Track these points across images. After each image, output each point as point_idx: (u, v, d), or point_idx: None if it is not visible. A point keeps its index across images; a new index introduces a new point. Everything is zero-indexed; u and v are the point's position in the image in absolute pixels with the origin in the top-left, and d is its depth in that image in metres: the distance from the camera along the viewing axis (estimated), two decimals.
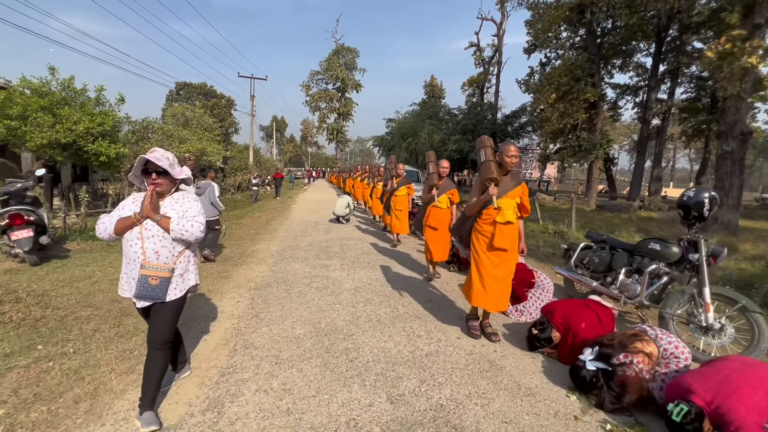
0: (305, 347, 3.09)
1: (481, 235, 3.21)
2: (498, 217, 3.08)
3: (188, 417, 2.19)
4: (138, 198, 2.17)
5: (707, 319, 3.15)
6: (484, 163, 3.18)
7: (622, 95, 29.53)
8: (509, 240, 3.12)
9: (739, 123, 11.55)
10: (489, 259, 3.17)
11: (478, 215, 3.25)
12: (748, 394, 1.94)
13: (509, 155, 3.13)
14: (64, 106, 8.46)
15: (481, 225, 3.22)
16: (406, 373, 2.71)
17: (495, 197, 3.05)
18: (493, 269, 3.16)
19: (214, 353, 2.97)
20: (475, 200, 3.18)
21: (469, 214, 3.28)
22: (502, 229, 3.08)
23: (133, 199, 2.17)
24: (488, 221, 3.16)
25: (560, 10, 22.32)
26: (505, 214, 3.07)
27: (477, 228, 3.25)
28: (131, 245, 2.07)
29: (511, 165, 3.15)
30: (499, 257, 3.17)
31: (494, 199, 3.05)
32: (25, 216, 5.08)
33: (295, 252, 6.73)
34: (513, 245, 3.18)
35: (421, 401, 2.38)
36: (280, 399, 2.37)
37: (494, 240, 3.09)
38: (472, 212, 3.24)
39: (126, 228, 2.06)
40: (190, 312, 3.77)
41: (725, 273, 6.02)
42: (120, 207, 2.15)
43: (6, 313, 3.62)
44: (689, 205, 3.40)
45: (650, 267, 3.65)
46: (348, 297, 4.38)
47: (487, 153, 3.20)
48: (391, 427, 2.13)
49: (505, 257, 3.18)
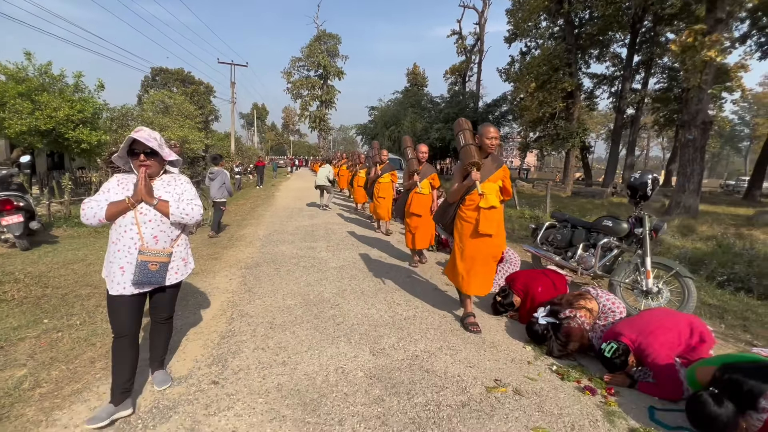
0: (296, 315, 3.43)
1: (465, 222, 3.13)
2: (482, 202, 3.01)
3: (196, 370, 2.51)
4: (124, 180, 2.05)
5: (648, 284, 3.64)
6: (464, 147, 3.09)
7: (598, 85, 30.35)
8: (494, 225, 3.07)
9: (700, 113, 12.24)
10: (474, 244, 3.10)
11: (461, 201, 3.18)
12: (662, 334, 2.39)
13: (489, 137, 3.05)
14: (42, 93, 8.37)
15: (464, 211, 3.14)
16: (387, 333, 3.09)
17: (478, 182, 2.98)
18: (479, 255, 3.10)
19: (213, 321, 3.28)
20: (458, 186, 3.11)
21: (452, 201, 3.22)
22: (486, 215, 3.03)
23: (118, 181, 2.04)
24: (472, 207, 3.09)
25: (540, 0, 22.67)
26: (488, 199, 3.02)
27: (461, 214, 3.17)
28: (125, 231, 1.97)
29: (491, 147, 3.07)
30: (485, 242, 3.10)
31: (477, 184, 2.98)
32: (14, 202, 5.19)
33: (281, 236, 7.00)
34: (498, 230, 3.13)
35: (399, 353, 2.76)
36: (277, 354, 2.71)
37: (479, 226, 3.02)
38: (455, 198, 3.18)
39: (119, 213, 1.95)
40: (186, 289, 4.03)
41: (681, 251, 6.63)
42: (104, 190, 2.01)
43: (8, 292, 3.81)
44: (635, 186, 3.86)
45: (602, 241, 4.12)
46: (334, 274, 4.72)
47: (466, 136, 3.11)
48: (373, 372, 2.51)
49: (491, 242, 3.12)
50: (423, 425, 2.01)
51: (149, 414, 2.06)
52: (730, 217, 13.79)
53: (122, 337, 2.03)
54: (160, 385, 2.32)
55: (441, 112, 32.53)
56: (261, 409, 2.12)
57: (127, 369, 2.04)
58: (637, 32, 24.41)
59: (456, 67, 40.03)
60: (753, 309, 4.17)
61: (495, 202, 3.06)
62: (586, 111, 28.75)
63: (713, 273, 5.48)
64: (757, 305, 4.32)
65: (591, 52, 27.14)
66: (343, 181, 15.10)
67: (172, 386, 2.32)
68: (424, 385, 2.36)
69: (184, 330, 3.08)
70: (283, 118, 79.21)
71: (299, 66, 52.21)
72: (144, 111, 14.99)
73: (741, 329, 3.63)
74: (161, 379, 2.34)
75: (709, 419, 1.82)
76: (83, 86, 9.40)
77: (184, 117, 16.03)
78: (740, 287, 4.98)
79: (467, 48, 38.17)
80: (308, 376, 2.45)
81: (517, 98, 28.26)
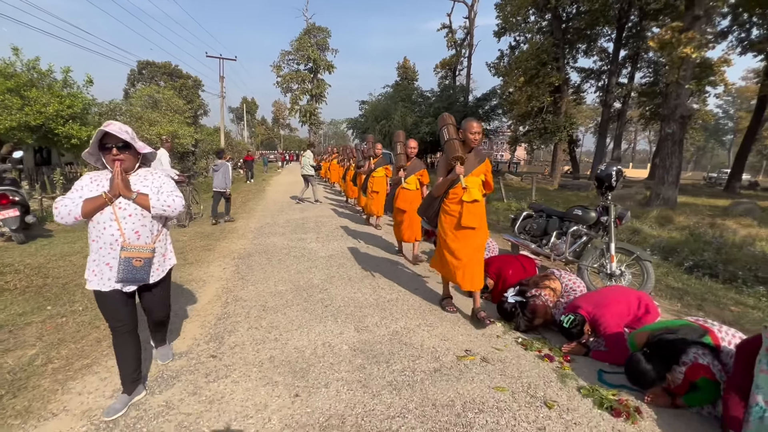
0: (287, 299, 3.68)
1: (448, 215, 3.22)
2: (465, 196, 3.10)
3: (195, 346, 2.75)
4: (97, 177, 1.98)
5: (612, 267, 3.96)
6: (448, 141, 3.15)
7: (586, 79, 30.70)
8: (477, 218, 3.14)
9: (679, 107, 12.64)
10: (458, 237, 3.19)
11: (444, 195, 3.26)
12: (614, 307, 2.70)
13: (472, 132, 3.12)
14: (31, 88, 8.41)
15: (448, 205, 3.23)
16: (371, 313, 3.36)
17: (462, 176, 3.07)
18: (463, 247, 3.18)
19: (209, 305, 3.51)
20: (442, 180, 3.19)
21: (436, 195, 3.30)
22: (469, 208, 3.11)
23: (91, 179, 1.97)
24: (455, 200, 3.17)
25: None
26: (471, 193, 3.09)
27: (444, 208, 3.26)
28: (105, 227, 1.90)
29: (474, 141, 3.14)
30: (468, 235, 3.18)
31: (461, 178, 3.07)
32: (10, 196, 5.32)
33: (272, 228, 7.22)
34: (481, 223, 3.21)
35: (381, 329, 3.04)
36: (269, 332, 2.97)
37: (462, 219, 3.11)
38: (439, 192, 3.26)
39: (96, 209, 1.88)
40: (183, 277, 4.26)
41: (657, 240, 7.00)
42: (77, 188, 1.94)
43: (9, 282, 4.00)
44: (602, 178, 4.16)
45: (572, 229, 4.44)
46: (323, 263, 4.98)
47: (450, 131, 3.17)
48: (356, 345, 2.78)
49: (474, 234, 3.19)
50: (399, 387, 2.29)
51: (155, 382, 2.31)
52: (708, 208, 14.25)
53: (121, 331, 2.07)
54: (163, 359, 2.51)
55: (431, 106, 32.73)
56: (255, 376, 2.38)
57: (132, 360, 2.11)
58: (623, 27, 24.75)
59: (446, 61, 40.20)
60: (713, 292, 4.52)
61: (477, 195, 3.14)
62: (574, 105, 29.16)
63: (684, 260, 5.84)
64: (718, 288, 4.67)
65: (579, 46, 27.34)
66: (335, 176, 15.22)
67: (174, 360, 2.56)
68: (401, 355, 2.65)
69: (182, 313, 3.32)
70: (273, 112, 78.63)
71: (289, 59, 51.81)
72: (132, 106, 14.91)
73: (696, 308, 3.97)
74: (164, 353, 2.54)
75: (641, 374, 2.13)
76: (72, 81, 9.44)
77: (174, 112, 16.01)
78: (708, 273, 5.31)
79: (457, 42, 38.31)
80: (298, 349, 2.71)
81: (506, 92, 28.58)
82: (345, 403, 2.14)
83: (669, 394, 2.15)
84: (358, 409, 2.09)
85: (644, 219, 9.79)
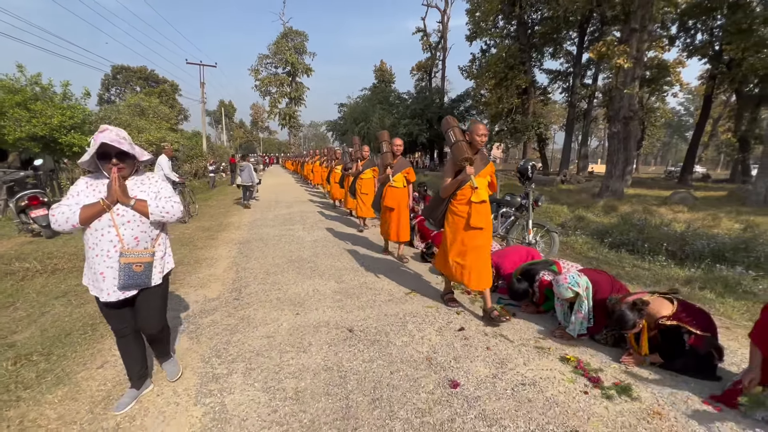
0: (283, 267, 4.85)
1: (457, 216, 3.26)
2: (473, 196, 3.15)
3: (222, 294, 3.90)
4: (93, 183, 1.96)
5: (529, 238, 5.27)
6: (455, 143, 3.19)
7: (554, 80, 32.34)
8: (485, 218, 3.22)
9: (622, 109, 14.23)
10: (466, 237, 3.23)
11: (452, 196, 3.30)
12: (510, 256, 3.98)
13: (479, 134, 3.16)
14: (35, 102, 9.23)
15: (456, 206, 3.26)
16: (347, 273, 4.58)
17: (473, 177, 3.11)
18: (471, 247, 3.22)
19: (224, 273, 4.64)
20: (451, 181, 3.22)
21: (444, 196, 3.32)
22: (477, 208, 3.17)
23: (87, 184, 1.95)
24: (463, 201, 3.22)
25: (494, 2, 24.35)
26: (479, 193, 3.15)
27: (452, 209, 3.29)
28: (103, 234, 1.89)
29: (480, 143, 3.18)
30: (476, 235, 3.22)
31: (473, 178, 3.10)
32: (40, 197, 6.26)
33: (264, 221, 8.32)
34: (488, 223, 3.27)
35: (354, 281, 4.26)
36: (273, 286, 4.14)
37: (471, 219, 3.16)
38: (448, 194, 3.29)
39: (93, 216, 1.86)
40: (197, 257, 5.35)
41: (596, 224, 8.34)
42: (73, 193, 1.92)
43: (57, 264, 4.99)
44: (522, 171, 5.47)
45: (502, 210, 5.75)
46: (309, 244, 6.14)
47: (456, 133, 3.21)
48: (336, 289, 4.00)
49: (481, 234, 3.24)
50: (364, 308, 3.51)
51: (202, 313, 3.44)
52: (653, 198, 15.80)
53: (123, 333, 2.12)
54: (172, 377, 2.40)
55: (408, 108, 33.95)
56: (268, 307, 3.55)
57: (137, 361, 2.20)
58: (585, 32, 26.25)
59: (422, 64, 41.42)
60: (623, 260, 5.74)
61: (485, 196, 3.23)
62: (541, 106, 30.95)
63: (612, 238, 7.13)
64: (630, 258, 5.85)
65: (546, 49, 28.66)
66: (317, 178, 15.20)
67: (207, 302, 3.69)
68: (367, 294, 3.87)
69: (205, 279, 4.43)
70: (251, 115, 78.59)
71: (267, 63, 52.25)
72: (121, 114, 15.63)
73: None
74: (171, 369, 2.43)
75: (515, 291, 3.40)
76: (71, 94, 10.27)
77: (160, 119, 16.76)
78: (630, 249, 6.52)
79: (432, 45, 39.55)
80: (296, 293, 3.90)
81: (478, 94, 30.10)
82: (329, 316, 3.35)
83: (534, 304, 3.42)
84: (337, 318, 3.30)
85: (593, 208, 11.12)
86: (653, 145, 61.27)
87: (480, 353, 2.71)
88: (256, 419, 2.04)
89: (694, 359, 2.42)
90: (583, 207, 11.46)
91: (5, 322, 3.28)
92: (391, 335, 2.98)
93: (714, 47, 22.11)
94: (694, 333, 2.40)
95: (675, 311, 2.48)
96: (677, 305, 2.51)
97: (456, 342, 2.87)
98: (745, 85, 22.47)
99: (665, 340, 2.50)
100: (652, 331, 2.54)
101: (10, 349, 2.79)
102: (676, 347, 2.46)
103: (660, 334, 2.51)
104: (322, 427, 1.97)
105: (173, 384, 2.36)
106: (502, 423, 2.00)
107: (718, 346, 2.51)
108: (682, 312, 2.49)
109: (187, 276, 4.49)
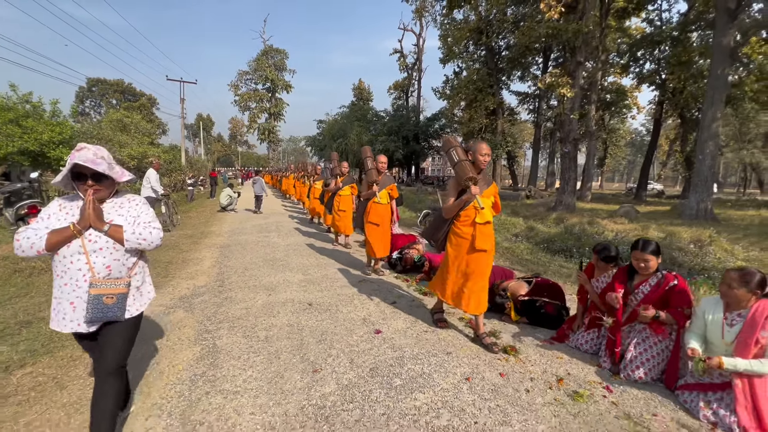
0: (259, 264, 5.77)
1: (460, 238, 3.14)
2: (477, 217, 3.05)
3: (208, 283, 4.79)
4: (67, 205, 1.83)
5: None
6: (458, 163, 3.08)
7: (522, 102, 34.32)
8: (489, 240, 3.11)
9: (572, 132, 15.88)
10: (470, 260, 3.11)
11: (455, 217, 3.18)
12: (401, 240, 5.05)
13: (482, 153, 3.08)
14: (27, 119, 9.88)
15: (459, 227, 3.14)
16: (313, 269, 5.55)
17: (478, 196, 3.01)
18: (474, 270, 3.11)
19: (209, 269, 5.51)
20: (454, 202, 3.10)
21: (447, 217, 3.21)
22: (482, 230, 3.06)
23: (60, 206, 1.82)
24: (467, 223, 3.10)
25: (463, 30, 26.29)
26: (484, 214, 3.06)
27: (456, 230, 3.17)
28: (71, 261, 1.73)
29: (483, 163, 3.10)
30: (480, 258, 3.11)
31: (478, 198, 3.00)
32: (38, 207, 6.97)
33: (242, 230, 9.17)
34: (492, 245, 3.17)
35: (318, 274, 5.24)
36: (250, 278, 5.06)
37: (475, 242, 3.05)
38: (451, 214, 3.18)
39: (62, 242, 1.71)
40: (184, 258, 6.19)
41: (544, 234, 9.55)
42: (43, 216, 1.79)
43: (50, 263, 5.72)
44: None
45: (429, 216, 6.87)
46: (283, 248, 7.07)
47: (459, 152, 3.12)
48: (303, 280, 4.96)
49: (485, 257, 3.13)
50: (323, 290, 4.50)
51: (192, 296, 4.33)
52: (605, 211, 17.18)
53: None
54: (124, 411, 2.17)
55: (385, 125, 35.37)
56: (246, 291, 4.48)
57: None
58: (549, 57, 28.42)
59: (399, 83, 43.13)
60: (552, 262, 6.88)
61: (490, 217, 3.13)
62: (509, 126, 32.90)
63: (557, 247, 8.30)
64: (560, 260, 7.05)
65: (514, 72, 30.47)
66: (297, 193, 15.29)
67: (196, 289, 4.57)
68: (327, 282, 4.87)
69: (193, 273, 5.29)
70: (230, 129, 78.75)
71: (246, 79, 52.95)
72: (102, 129, 16.17)
73: (521, 265, 6.45)
74: None
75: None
76: (59, 112, 10.94)
77: (142, 134, 17.36)
78: (566, 253, 7.70)
79: (408, 65, 41.38)
80: (269, 282, 4.84)
81: (451, 113, 31.80)
82: (295, 296, 4.32)
83: None
84: (301, 297, 4.27)
85: (546, 220, 12.36)
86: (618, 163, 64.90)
87: (401, 316, 3.75)
88: (237, 350, 2.98)
89: (545, 318, 3.54)
90: (538, 219, 12.68)
91: (29, 305, 4.06)
92: (340, 307, 3.98)
93: (660, 76, 24.50)
94: (547, 302, 3.52)
95: (529, 290, 3.60)
96: (533, 286, 3.64)
97: (387, 310, 3.90)
98: (688, 111, 24.87)
99: (525, 309, 3.62)
100: (518, 304, 3.65)
101: (42, 321, 3.62)
102: (533, 312, 3.58)
103: (522, 305, 3.63)
104: (284, 353, 2.93)
105: (177, 331, 3.27)
106: (404, 350, 3.02)
107: (566, 308, 3.64)
108: (537, 289, 3.61)
109: (178, 271, 5.34)
